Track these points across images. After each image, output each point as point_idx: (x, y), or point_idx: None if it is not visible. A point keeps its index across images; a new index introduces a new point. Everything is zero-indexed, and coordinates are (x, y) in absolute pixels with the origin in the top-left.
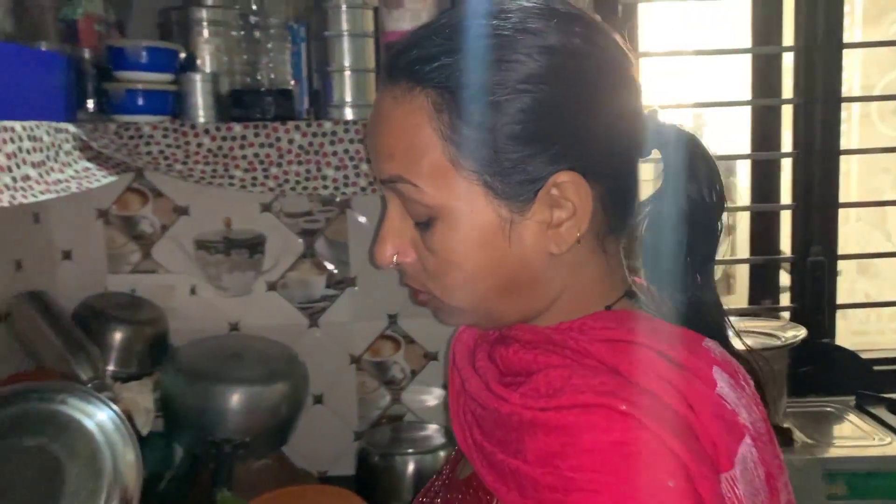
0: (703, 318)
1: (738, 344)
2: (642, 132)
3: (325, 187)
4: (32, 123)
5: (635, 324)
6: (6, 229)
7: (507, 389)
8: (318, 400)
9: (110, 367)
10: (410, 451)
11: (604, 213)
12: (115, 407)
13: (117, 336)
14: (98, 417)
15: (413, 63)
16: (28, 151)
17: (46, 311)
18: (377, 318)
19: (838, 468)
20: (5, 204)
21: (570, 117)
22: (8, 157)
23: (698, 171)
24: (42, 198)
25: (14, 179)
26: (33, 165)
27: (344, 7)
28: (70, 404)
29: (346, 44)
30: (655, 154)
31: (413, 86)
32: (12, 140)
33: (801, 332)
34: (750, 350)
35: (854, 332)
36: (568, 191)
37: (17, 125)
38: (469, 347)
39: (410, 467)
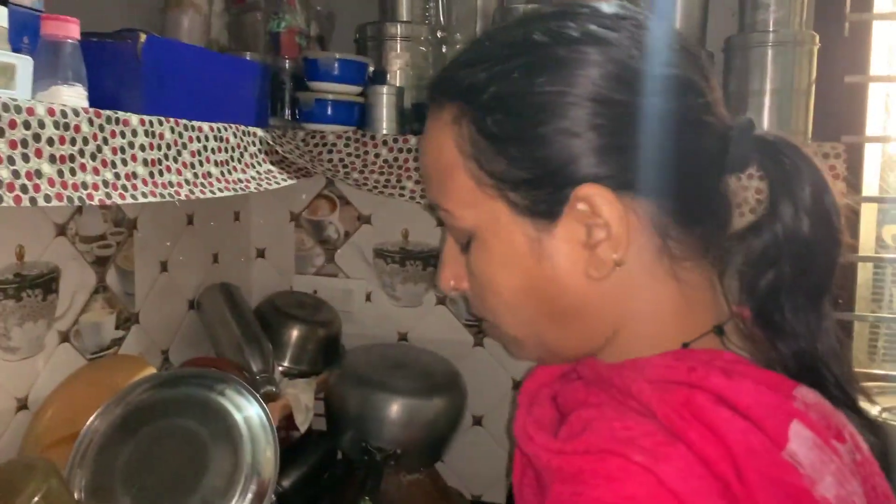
0: (811, 372)
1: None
2: (717, 145)
3: None
4: (221, 125)
5: (705, 364)
6: (208, 224)
7: (537, 430)
8: (478, 421)
9: (284, 363)
10: None
11: (662, 236)
12: (264, 405)
13: (293, 334)
14: (247, 412)
15: (439, 81)
16: (213, 151)
17: (232, 303)
18: None
19: None
20: (182, 197)
21: (589, 125)
22: (192, 154)
23: (799, 191)
24: (220, 195)
25: (196, 175)
26: (216, 164)
27: None
28: (226, 395)
29: None
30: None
31: (440, 101)
32: (198, 139)
33: None
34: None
35: None
36: (598, 207)
37: (206, 125)
38: (537, 386)
39: None
